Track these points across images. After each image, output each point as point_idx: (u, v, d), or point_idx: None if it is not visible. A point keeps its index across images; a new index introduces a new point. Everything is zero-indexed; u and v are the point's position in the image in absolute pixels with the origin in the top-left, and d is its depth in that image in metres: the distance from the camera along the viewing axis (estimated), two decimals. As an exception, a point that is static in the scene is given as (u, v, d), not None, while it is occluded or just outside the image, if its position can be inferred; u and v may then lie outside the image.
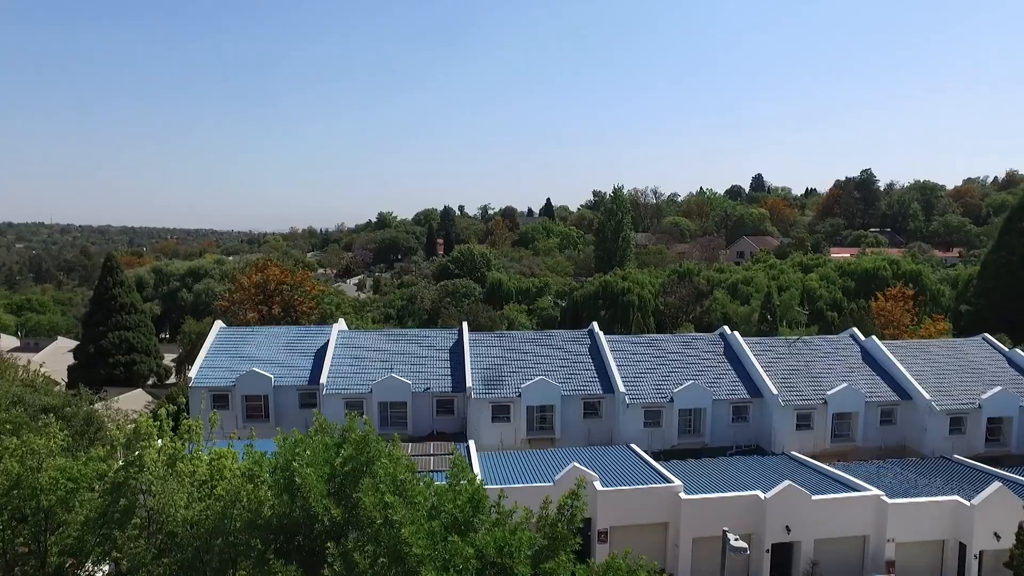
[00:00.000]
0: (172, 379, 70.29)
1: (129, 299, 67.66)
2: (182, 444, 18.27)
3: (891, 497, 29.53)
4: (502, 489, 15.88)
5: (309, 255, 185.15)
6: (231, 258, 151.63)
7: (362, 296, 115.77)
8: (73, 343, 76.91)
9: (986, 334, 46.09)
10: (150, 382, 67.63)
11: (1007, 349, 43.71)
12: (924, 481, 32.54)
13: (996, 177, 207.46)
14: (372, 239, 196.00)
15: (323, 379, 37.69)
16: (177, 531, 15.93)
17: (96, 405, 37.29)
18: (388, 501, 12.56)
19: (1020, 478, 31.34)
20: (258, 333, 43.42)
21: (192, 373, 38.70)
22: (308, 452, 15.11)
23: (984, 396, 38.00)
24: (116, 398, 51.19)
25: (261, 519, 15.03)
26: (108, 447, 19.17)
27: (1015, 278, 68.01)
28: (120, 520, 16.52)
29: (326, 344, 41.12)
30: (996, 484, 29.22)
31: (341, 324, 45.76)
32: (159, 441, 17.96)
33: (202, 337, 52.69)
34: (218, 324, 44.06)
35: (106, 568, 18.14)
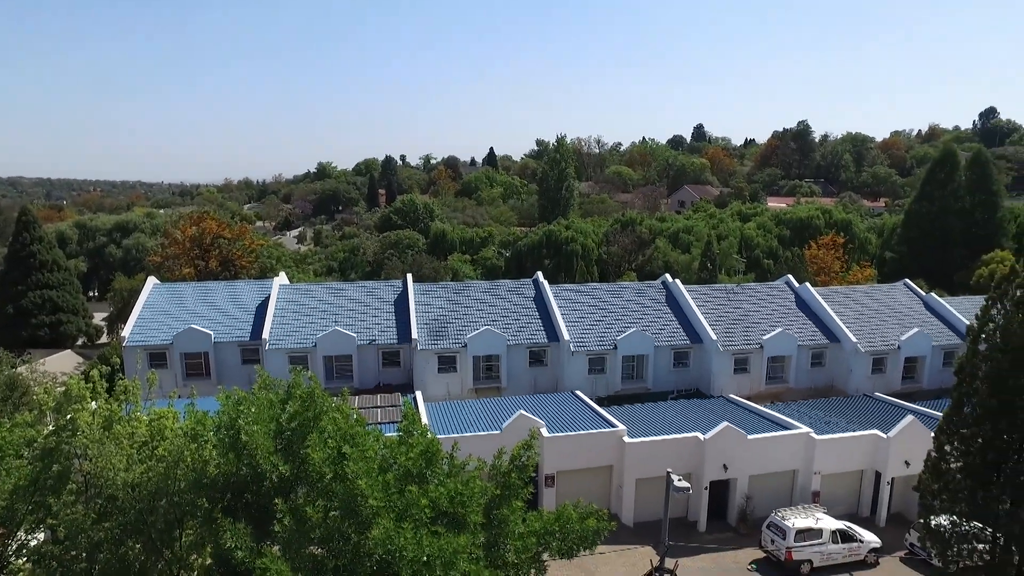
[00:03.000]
0: (104, 339, 67.55)
1: (50, 256, 64.01)
2: (118, 406, 17.63)
3: (819, 434, 31.30)
4: (456, 440, 16.00)
5: (246, 207, 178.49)
6: (162, 211, 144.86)
7: (303, 249, 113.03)
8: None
9: (907, 280, 48.67)
10: (80, 343, 64.80)
11: (924, 294, 46.30)
12: (848, 417, 34.55)
13: (920, 130, 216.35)
14: (312, 190, 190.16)
15: (265, 334, 36.89)
16: (118, 494, 15.48)
17: (20, 368, 35.50)
18: (345, 452, 12.51)
19: (930, 411, 33.60)
20: (195, 288, 41.96)
21: (126, 332, 37.25)
22: (253, 409, 14.82)
23: (903, 338, 40.32)
24: (42, 360, 48.96)
25: (206, 478, 14.75)
26: (36, 412, 18.30)
27: (934, 227, 71.71)
28: (54, 486, 15.91)
29: (267, 298, 40.14)
30: (909, 418, 31.39)
31: (282, 278, 44.66)
32: (93, 403, 17.26)
33: (134, 294, 50.60)
34: (152, 280, 42.32)
35: (41, 536, 17.56)
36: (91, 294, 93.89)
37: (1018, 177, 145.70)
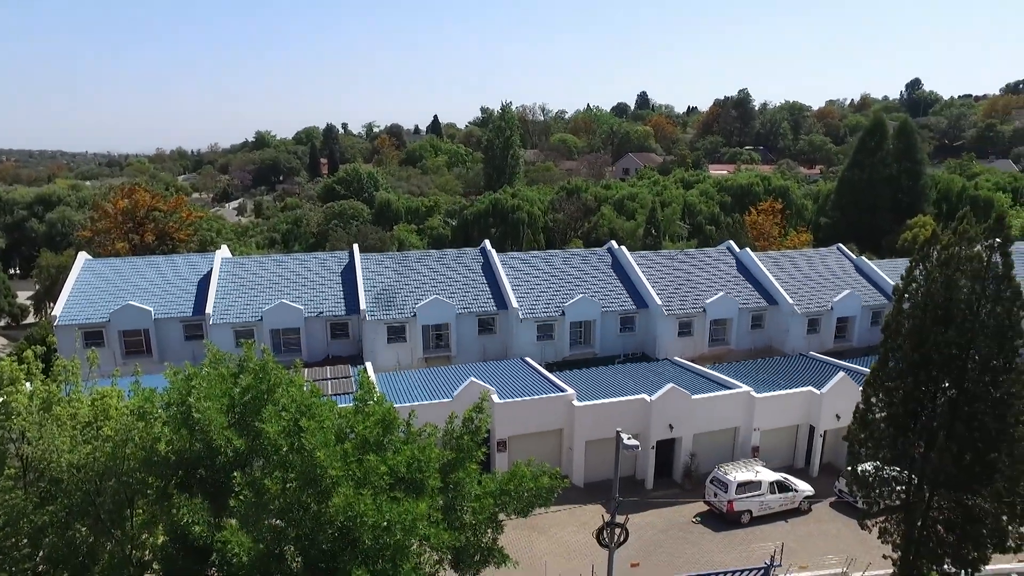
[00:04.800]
0: (31, 319, 64.52)
1: (-37, 231, 60.43)
2: (57, 387, 17.06)
3: (758, 392, 32.80)
4: (413, 408, 16.20)
5: (181, 179, 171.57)
6: (89, 183, 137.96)
7: (244, 221, 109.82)
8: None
9: (840, 244, 50.90)
10: (2, 323, 61.73)
11: (855, 257, 48.55)
12: (785, 376, 36.24)
13: (853, 100, 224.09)
14: (250, 160, 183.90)
15: (209, 309, 36.02)
16: (62, 477, 15.12)
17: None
18: (303, 425, 12.55)
19: (859, 368, 35.56)
20: (131, 264, 40.45)
21: (56, 311, 35.69)
22: (204, 385, 14.62)
23: (835, 299, 42.30)
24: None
25: (157, 456, 14.55)
26: None
27: (864, 194, 74.86)
28: (-11, 471, 15.41)
29: (209, 273, 39.08)
30: (840, 374, 33.22)
31: (224, 251, 43.45)
32: (28, 385, 16.66)
33: (63, 271, 48.47)
34: (82, 256, 40.54)
35: None
36: (12, 272, 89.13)
37: (939, 146, 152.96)
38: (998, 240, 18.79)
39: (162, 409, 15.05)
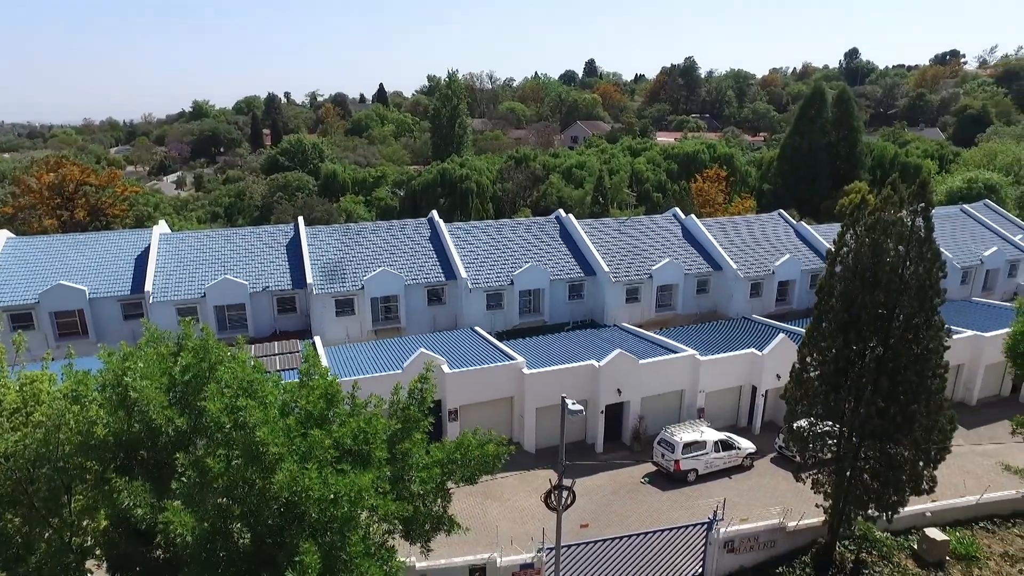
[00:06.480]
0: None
1: None
2: (-23, 374, 16.33)
3: (703, 355, 33.79)
4: (356, 380, 16.16)
5: (113, 151, 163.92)
6: (7, 155, 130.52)
7: (183, 194, 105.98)
8: None
9: (781, 210, 52.31)
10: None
11: (796, 222, 50.04)
12: (729, 339, 37.40)
13: (795, 68, 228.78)
14: (188, 131, 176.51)
15: (148, 287, 34.90)
16: (-10, 466, 14.59)
17: None
18: (240, 404, 12.39)
19: (798, 329, 36.96)
20: (61, 242, 38.72)
21: (-18, 291, 34.06)
22: (141, 364, 14.25)
23: (776, 264, 43.64)
24: None
25: (94, 440, 14.17)
26: None
27: (805, 160, 77.02)
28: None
29: (147, 249, 37.78)
30: (780, 336, 34.48)
31: (162, 226, 42.00)
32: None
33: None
34: (4, 234, 38.54)
35: None
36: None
37: (874, 114, 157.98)
38: (921, 205, 19.67)
39: (97, 391, 14.61)
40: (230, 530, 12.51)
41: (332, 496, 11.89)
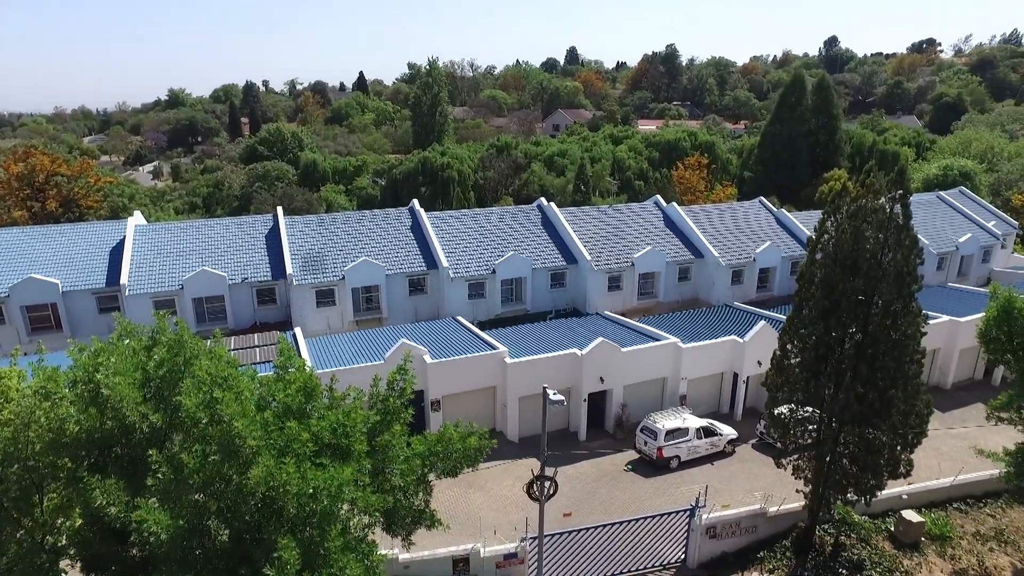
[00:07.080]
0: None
1: None
2: (-56, 371, 15.87)
3: (685, 343, 33.92)
4: (334, 373, 15.94)
5: (87, 140, 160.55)
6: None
7: (159, 185, 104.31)
8: None
9: (762, 198, 52.55)
10: None
11: (776, 210, 50.31)
12: (710, 326, 37.57)
13: (775, 56, 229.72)
14: (164, 120, 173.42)
15: (124, 279, 34.29)
16: (-44, 467, 14.19)
17: None
18: (216, 397, 12.14)
19: (779, 316, 37.24)
20: (31, 234, 37.90)
21: (-49, 284, 33.28)
22: (114, 360, 13.91)
23: (757, 251, 43.87)
24: None
25: (66, 437, 13.83)
26: None
27: (785, 148, 77.43)
28: None
29: (122, 241, 37.10)
30: (761, 323, 34.69)
31: (138, 217, 41.24)
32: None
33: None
34: (-25, 225, 37.73)
35: None
36: None
37: (853, 102, 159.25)
38: (900, 192, 19.77)
39: (68, 388, 14.25)
40: (207, 527, 12.28)
41: (311, 491, 11.72)
